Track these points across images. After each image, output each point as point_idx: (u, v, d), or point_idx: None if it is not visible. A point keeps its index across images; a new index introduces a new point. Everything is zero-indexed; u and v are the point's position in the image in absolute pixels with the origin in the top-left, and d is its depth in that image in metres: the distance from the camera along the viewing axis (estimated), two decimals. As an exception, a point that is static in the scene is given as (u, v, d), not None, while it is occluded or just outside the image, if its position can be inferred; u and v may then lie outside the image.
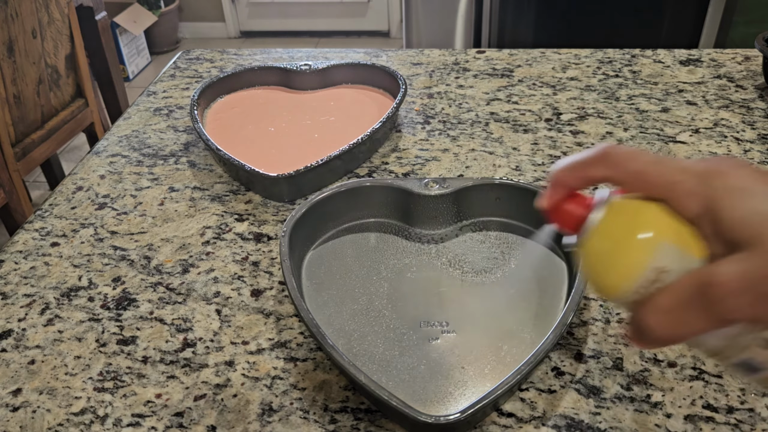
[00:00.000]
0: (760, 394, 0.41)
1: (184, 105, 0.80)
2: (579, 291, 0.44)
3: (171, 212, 0.61)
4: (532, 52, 0.87)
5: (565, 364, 0.44)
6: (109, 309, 0.50)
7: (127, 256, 0.56)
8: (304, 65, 0.77)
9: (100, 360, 0.46)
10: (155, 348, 0.47)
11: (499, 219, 0.56)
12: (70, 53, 1.41)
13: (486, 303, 0.49)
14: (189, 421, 0.41)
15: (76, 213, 0.61)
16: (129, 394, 0.43)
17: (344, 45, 2.90)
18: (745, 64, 0.83)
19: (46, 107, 1.37)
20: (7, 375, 0.45)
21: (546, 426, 0.40)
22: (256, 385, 0.44)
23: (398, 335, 0.46)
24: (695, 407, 0.41)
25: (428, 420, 0.37)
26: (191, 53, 0.93)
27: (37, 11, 1.27)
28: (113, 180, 0.66)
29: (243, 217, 0.60)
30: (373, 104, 0.74)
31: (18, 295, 0.52)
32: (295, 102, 0.76)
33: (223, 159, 0.62)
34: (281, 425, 0.41)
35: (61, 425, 0.42)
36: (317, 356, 0.46)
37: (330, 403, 0.42)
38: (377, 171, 0.65)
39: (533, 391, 0.42)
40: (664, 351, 0.44)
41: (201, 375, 0.44)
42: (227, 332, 0.48)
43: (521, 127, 0.71)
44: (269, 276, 0.53)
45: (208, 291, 0.51)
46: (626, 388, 0.42)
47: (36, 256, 0.56)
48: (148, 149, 0.71)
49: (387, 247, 0.54)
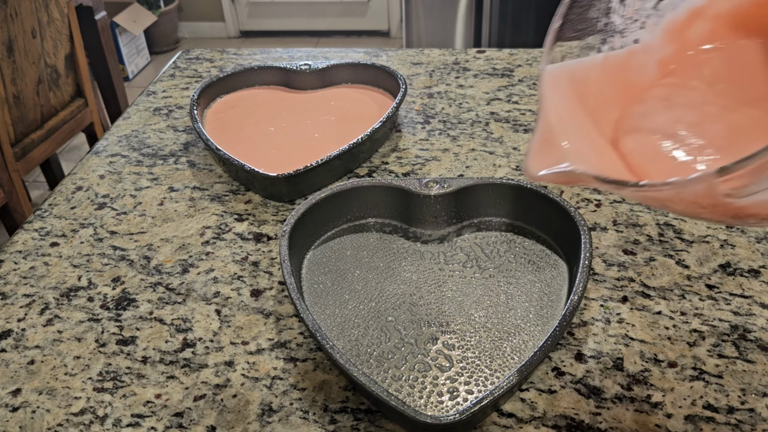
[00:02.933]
0: (761, 395, 0.41)
1: (183, 105, 0.80)
2: (579, 291, 0.43)
3: (171, 212, 0.61)
4: (532, 52, 0.87)
5: (566, 364, 0.44)
6: (108, 309, 0.50)
7: (126, 256, 0.55)
8: (304, 65, 0.77)
9: (99, 360, 0.46)
10: (155, 348, 0.47)
11: (499, 219, 0.56)
12: (69, 53, 1.41)
13: (486, 303, 0.49)
14: (189, 421, 0.41)
15: (76, 213, 0.61)
16: (128, 395, 0.43)
17: (344, 45, 2.90)
18: (745, 63, 0.83)
19: (46, 107, 1.37)
20: (7, 375, 0.45)
21: (546, 426, 0.40)
22: (256, 385, 0.44)
23: (398, 335, 0.46)
24: (696, 407, 0.41)
25: (428, 420, 0.37)
26: (191, 53, 0.93)
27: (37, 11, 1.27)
28: (113, 180, 0.66)
29: (243, 217, 0.60)
30: (373, 104, 0.74)
31: (17, 295, 0.52)
32: (295, 102, 0.76)
33: (222, 159, 0.62)
34: (281, 425, 0.41)
35: (60, 425, 0.41)
36: (317, 356, 0.45)
37: (330, 404, 0.42)
38: (377, 171, 0.65)
39: (533, 391, 0.42)
40: (664, 351, 0.44)
41: (201, 375, 0.44)
42: (227, 332, 0.48)
43: (521, 127, 0.71)
44: (269, 276, 0.53)
45: (208, 291, 0.51)
46: (626, 388, 0.42)
47: (35, 256, 0.56)
48: (147, 149, 0.71)
49: (387, 247, 0.54)
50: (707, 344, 0.45)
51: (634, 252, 0.53)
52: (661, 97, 0.38)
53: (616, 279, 0.51)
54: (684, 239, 0.54)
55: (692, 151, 0.33)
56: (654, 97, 0.38)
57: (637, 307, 0.48)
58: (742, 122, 0.34)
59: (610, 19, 0.38)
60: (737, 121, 0.34)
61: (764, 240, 0.54)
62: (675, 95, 0.37)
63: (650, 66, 0.38)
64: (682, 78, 0.38)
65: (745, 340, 0.45)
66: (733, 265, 0.51)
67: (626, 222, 0.56)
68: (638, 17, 0.38)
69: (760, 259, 0.52)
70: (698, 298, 0.48)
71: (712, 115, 0.35)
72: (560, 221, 0.51)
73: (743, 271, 0.51)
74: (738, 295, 0.49)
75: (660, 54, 0.38)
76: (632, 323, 0.47)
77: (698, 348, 0.45)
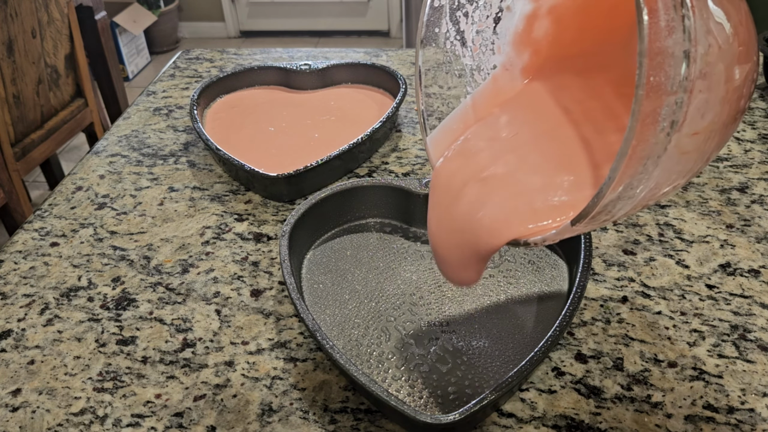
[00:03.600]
0: (761, 395, 0.41)
1: (183, 105, 0.80)
2: (579, 291, 0.43)
3: (170, 212, 0.61)
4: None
5: (565, 364, 0.44)
6: (108, 309, 0.50)
7: (126, 256, 0.55)
8: (304, 65, 0.77)
9: (99, 360, 0.46)
10: (155, 348, 0.47)
11: (499, 219, 0.56)
12: (69, 53, 1.41)
13: (486, 303, 0.49)
14: (189, 421, 0.41)
15: (76, 213, 0.61)
16: (128, 395, 0.43)
17: (344, 45, 2.90)
18: (745, 63, 0.83)
19: (46, 107, 1.37)
20: (7, 375, 0.45)
21: (546, 426, 0.40)
22: (256, 385, 0.44)
23: (398, 335, 0.46)
24: (696, 407, 0.41)
25: (428, 420, 0.37)
26: (191, 53, 0.93)
27: (37, 11, 1.27)
28: (113, 180, 0.66)
29: (243, 217, 0.60)
30: (373, 104, 0.74)
31: (17, 295, 0.52)
32: (295, 102, 0.76)
33: (222, 159, 0.62)
34: (281, 425, 0.41)
35: (60, 425, 0.41)
36: (317, 356, 0.45)
37: (330, 404, 0.42)
38: (377, 171, 0.65)
39: (533, 391, 0.42)
40: (664, 351, 0.44)
41: (201, 375, 0.44)
42: (227, 332, 0.48)
43: (521, 127, 0.71)
44: (269, 276, 0.53)
45: (208, 291, 0.51)
46: (626, 388, 0.42)
47: (35, 256, 0.56)
48: (147, 149, 0.71)
49: (387, 247, 0.54)
50: (707, 344, 0.45)
51: (634, 252, 0.53)
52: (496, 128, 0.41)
53: (616, 279, 0.51)
54: (684, 239, 0.54)
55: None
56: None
57: (637, 307, 0.48)
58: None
59: (462, 66, 0.41)
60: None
61: (764, 240, 0.54)
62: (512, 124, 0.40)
63: (517, 78, 0.41)
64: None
65: (745, 340, 0.45)
66: (733, 265, 0.51)
67: (626, 222, 0.56)
68: (485, 48, 0.41)
69: (760, 259, 0.52)
70: (698, 298, 0.48)
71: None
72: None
73: (743, 271, 0.51)
74: (738, 295, 0.49)
75: (520, 64, 0.41)
76: (632, 323, 0.47)
77: (698, 348, 0.45)
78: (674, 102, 0.24)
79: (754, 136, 0.68)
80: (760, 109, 0.73)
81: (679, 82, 0.24)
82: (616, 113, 0.35)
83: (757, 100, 0.74)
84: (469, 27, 0.40)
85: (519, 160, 0.37)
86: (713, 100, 0.26)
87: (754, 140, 0.67)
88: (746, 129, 0.69)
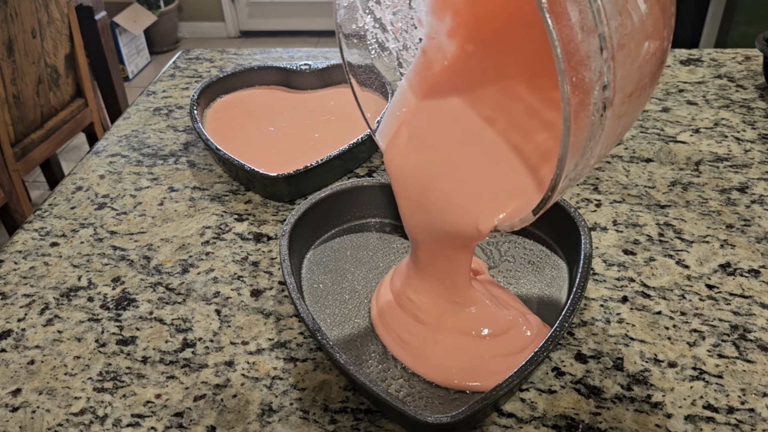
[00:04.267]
0: (761, 395, 0.41)
1: (183, 105, 0.80)
2: (579, 291, 0.43)
3: (170, 212, 0.61)
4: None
5: (565, 364, 0.44)
6: (108, 309, 0.50)
7: (126, 256, 0.55)
8: (304, 65, 0.77)
9: (99, 360, 0.46)
10: (155, 348, 0.47)
11: (499, 219, 0.56)
12: (69, 53, 1.41)
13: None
14: (189, 421, 0.41)
15: (76, 213, 0.61)
16: (128, 395, 0.43)
17: (344, 45, 2.90)
18: (745, 63, 0.83)
19: (46, 107, 1.37)
20: (7, 375, 0.45)
21: (546, 426, 0.40)
22: (256, 385, 0.44)
23: (398, 335, 0.46)
24: (696, 407, 0.41)
25: (428, 420, 0.37)
26: (191, 53, 0.93)
27: (37, 11, 1.27)
28: (113, 180, 0.66)
29: (243, 217, 0.60)
30: (373, 104, 0.74)
31: (17, 295, 0.52)
32: (295, 102, 0.76)
33: (222, 159, 0.62)
34: (281, 425, 0.41)
35: (60, 425, 0.41)
36: (317, 356, 0.45)
37: (330, 404, 0.42)
38: (377, 171, 0.65)
39: (533, 391, 0.42)
40: (664, 351, 0.44)
41: (201, 375, 0.44)
42: (227, 332, 0.48)
43: (521, 127, 0.71)
44: (269, 276, 0.53)
45: (208, 291, 0.51)
46: (626, 388, 0.42)
47: (35, 256, 0.56)
48: (147, 149, 0.71)
49: (387, 247, 0.54)
50: (707, 344, 0.45)
51: (634, 252, 0.53)
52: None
53: (616, 279, 0.51)
54: (684, 239, 0.54)
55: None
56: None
57: (637, 307, 0.48)
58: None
59: (389, 50, 0.41)
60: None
61: (764, 240, 0.54)
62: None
63: (445, 43, 0.40)
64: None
65: (745, 340, 0.45)
66: (733, 265, 0.51)
67: (626, 222, 0.56)
68: (406, 26, 0.41)
69: (760, 259, 0.52)
70: (698, 298, 0.48)
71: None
72: (560, 221, 0.51)
73: (743, 271, 0.51)
74: (738, 295, 0.49)
75: (444, 29, 0.40)
76: (632, 323, 0.47)
77: (698, 348, 0.45)
78: (601, 87, 0.24)
79: (754, 136, 0.68)
80: (760, 109, 0.73)
81: (599, 69, 0.24)
82: (535, 108, 0.36)
83: (757, 100, 0.74)
84: (384, 11, 0.40)
85: (464, 158, 0.39)
86: (636, 61, 0.25)
87: (754, 140, 0.67)
88: (746, 129, 0.69)
